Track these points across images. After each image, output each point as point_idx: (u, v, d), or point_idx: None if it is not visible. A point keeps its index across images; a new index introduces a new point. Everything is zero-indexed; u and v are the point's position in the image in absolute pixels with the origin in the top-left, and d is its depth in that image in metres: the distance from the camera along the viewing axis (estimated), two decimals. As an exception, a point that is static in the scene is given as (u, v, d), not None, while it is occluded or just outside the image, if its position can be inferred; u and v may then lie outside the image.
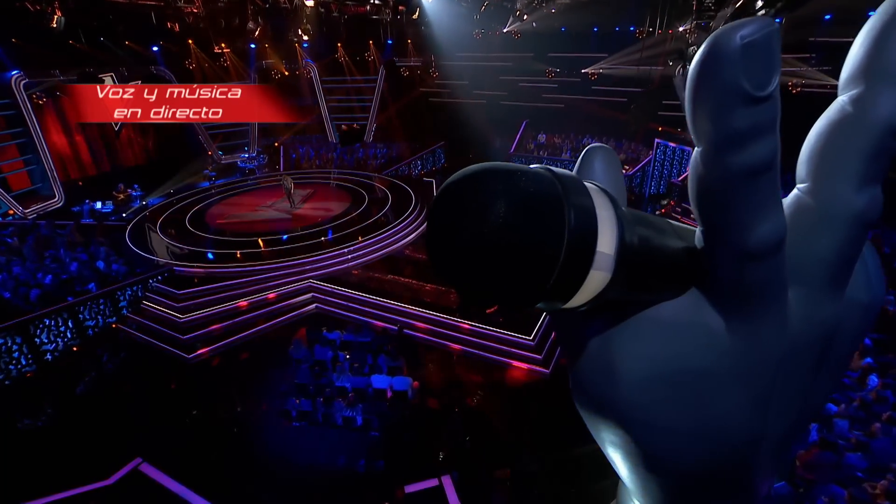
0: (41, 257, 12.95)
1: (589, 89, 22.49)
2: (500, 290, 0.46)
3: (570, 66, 22.97)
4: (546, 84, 23.88)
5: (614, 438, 0.55)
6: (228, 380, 9.70)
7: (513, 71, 24.29)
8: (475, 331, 10.80)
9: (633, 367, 0.52)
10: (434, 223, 0.47)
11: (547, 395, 9.18)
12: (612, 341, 0.54)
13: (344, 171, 21.53)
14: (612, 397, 0.53)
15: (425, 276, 12.86)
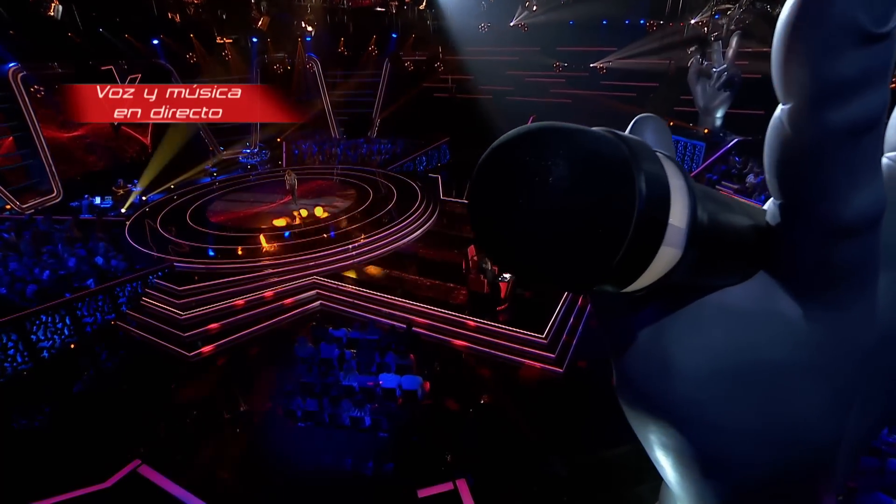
0: (38, 253, 12.69)
1: (597, 83, 22.19)
2: (560, 268, 0.41)
3: (579, 60, 22.68)
4: (553, 79, 23.58)
5: (666, 440, 0.50)
6: (231, 379, 9.43)
7: (520, 65, 24.00)
8: (485, 328, 10.51)
9: (691, 361, 0.47)
10: (483, 191, 0.45)
11: (562, 394, 8.89)
12: (668, 332, 0.49)
13: (347, 167, 21.24)
14: (665, 394, 0.48)
15: (434, 273, 12.59)
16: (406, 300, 11.40)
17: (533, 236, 0.38)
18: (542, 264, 0.39)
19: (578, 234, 0.38)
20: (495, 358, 10.00)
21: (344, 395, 7.90)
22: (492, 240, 0.40)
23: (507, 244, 0.39)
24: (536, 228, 0.37)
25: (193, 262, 12.82)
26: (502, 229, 0.39)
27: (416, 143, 23.26)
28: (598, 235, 0.38)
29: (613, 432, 8.18)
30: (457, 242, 14.47)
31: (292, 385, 8.43)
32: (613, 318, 0.53)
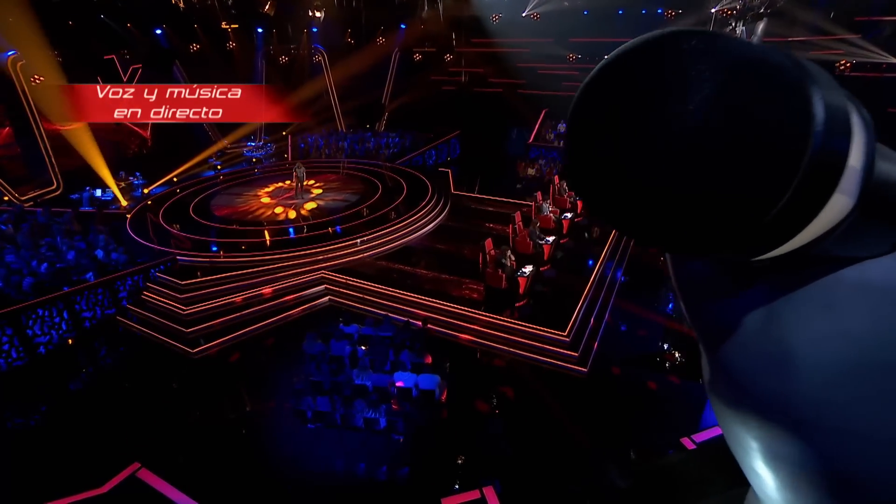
0: (36, 245, 12.33)
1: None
2: (695, 219, 0.33)
3: (593, 52, 22.15)
4: (567, 71, 23.08)
5: (778, 448, 0.40)
6: (236, 377, 9.01)
7: (531, 57, 23.52)
8: (503, 325, 10.05)
9: (821, 354, 0.38)
10: (592, 117, 0.35)
11: (586, 396, 8.42)
12: (787, 317, 0.39)
13: (355, 161, 20.83)
14: (784, 394, 0.39)
15: (448, 267, 12.16)
16: (419, 295, 10.96)
17: (666, 173, 0.29)
18: (670, 213, 0.31)
19: (731, 170, 0.30)
20: (514, 356, 9.55)
21: (357, 395, 7.47)
22: (598, 181, 0.31)
23: (623, 185, 0.31)
24: (672, 163, 0.29)
25: (197, 255, 12.44)
26: (619, 165, 0.31)
27: (426, 136, 22.85)
28: (759, 172, 0.30)
29: (655, 436, 7.80)
30: (471, 237, 14.07)
31: (302, 384, 8.00)
32: (709, 300, 0.44)
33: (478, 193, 17.57)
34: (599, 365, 9.25)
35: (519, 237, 12.14)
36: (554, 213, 13.65)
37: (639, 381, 8.74)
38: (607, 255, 13.03)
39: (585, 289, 11.19)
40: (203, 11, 20.25)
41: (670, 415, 7.86)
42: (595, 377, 8.98)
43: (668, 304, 11.40)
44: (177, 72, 21.41)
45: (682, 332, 10.06)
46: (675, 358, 9.44)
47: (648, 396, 8.38)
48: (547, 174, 20.00)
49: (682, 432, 6.36)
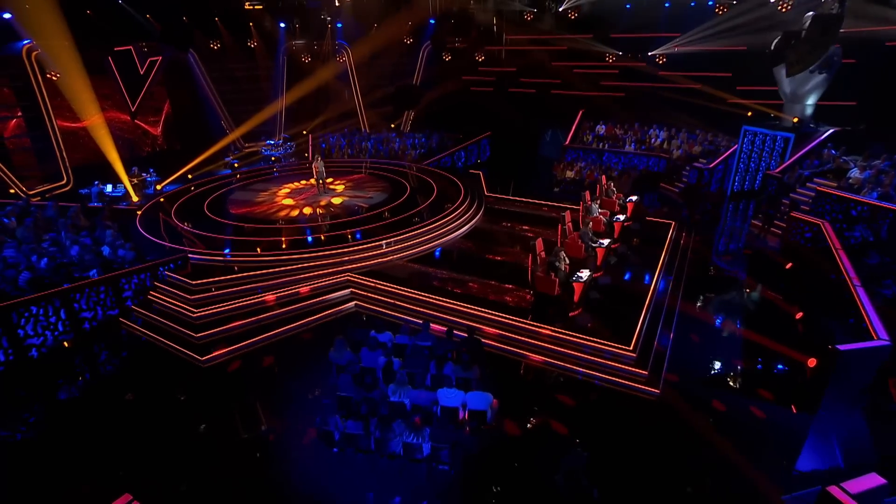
0: (39, 239, 11.59)
1: (656, 75, 20.62)
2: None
3: (635, 49, 21.15)
4: (605, 69, 22.09)
5: None
6: (250, 389, 7.97)
7: (567, 55, 22.60)
8: (557, 338, 8.88)
9: None
10: None
11: (662, 422, 7.18)
12: None
13: (379, 161, 19.99)
14: None
15: (487, 271, 11.07)
16: (457, 301, 9.87)
17: None
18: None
19: None
20: (569, 373, 8.36)
21: (395, 415, 6.35)
22: None
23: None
24: None
25: (211, 254, 11.56)
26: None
27: (454, 137, 21.96)
28: None
29: (754, 473, 6.53)
30: (508, 240, 13.00)
31: (327, 399, 6.92)
32: None
33: (512, 196, 16.53)
34: (672, 385, 8.00)
35: (569, 239, 11.01)
36: (604, 216, 12.50)
37: (718, 404, 7.47)
38: (666, 260, 11.83)
39: (647, 297, 10.00)
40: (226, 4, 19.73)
41: (766, 447, 6.59)
42: (668, 399, 7.72)
43: (739, 309, 10.14)
44: (193, 64, 20.93)
45: (762, 346, 8.80)
46: (758, 380, 8.16)
47: (734, 425, 7.11)
48: (587, 177, 18.87)
49: (777, 468, 5.16)
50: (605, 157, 20.26)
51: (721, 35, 17.98)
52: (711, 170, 17.10)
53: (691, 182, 17.52)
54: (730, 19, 17.62)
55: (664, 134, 20.13)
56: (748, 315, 10.13)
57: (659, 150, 19.71)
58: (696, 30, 18.63)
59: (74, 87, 16.96)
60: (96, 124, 17.41)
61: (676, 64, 19.96)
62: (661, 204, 16.88)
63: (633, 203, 13.87)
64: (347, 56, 23.22)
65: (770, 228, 13.49)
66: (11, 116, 16.50)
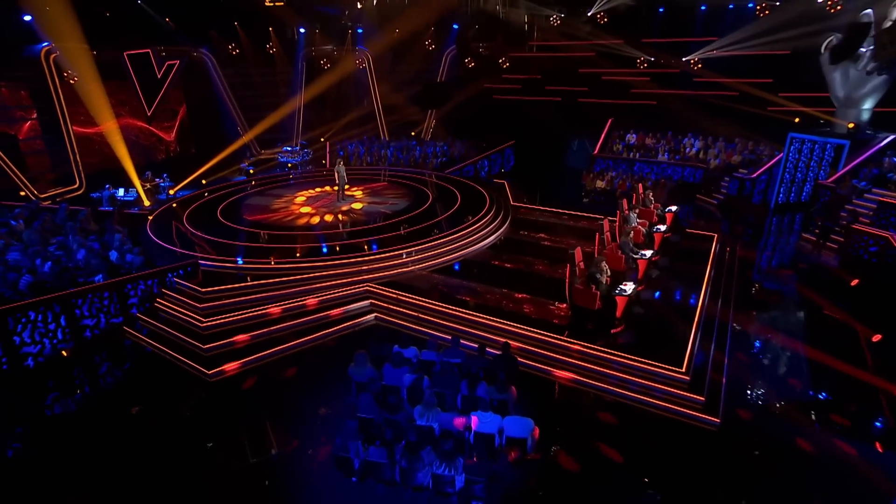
0: (46, 243, 11.23)
1: (690, 81, 19.93)
2: None
3: (668, 55, 20.51)
4: (636, 76, 21.48)
5: None
6: (260, 407, 7.34)
7: (596, 62, 22.06)
8: (599, 357, 8.12)
9: None
10: None
11: (729, 458, 6.35)
12: None
13: (400, 170, 19.54)
14: None
15: (516, 284, 10.40)
16: (485, 315, 9.17)
17: None
18: None
19: None
20: (614, 397, 7.58)
21: (424, 442, 5.65)
22: None
23: None
24: None
25: (223, 261, 11.08)
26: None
27: (477, 146, 21.49)
28: None
29: None
30: (538, 251, 12.32)
31: (348, 422, 6.26)
32: None
33: (540, 206, 15.90)
34: (733, 413, 7.17)
35: (608, 250, 10.28)
36: (642, 226, 11.76)
37: (792, 437, 6.62)
38: (712, 274, 11.01)
39: (695, 314, 9.20)
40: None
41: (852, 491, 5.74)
42: (731, 430, 6.88)
43: (801, 329, 9.27)
44: (211, 68, 20.85)
45: (834, 370, 7.92)
46: (836, 409, 7.28)
47: (813, 464, 6.26)
48: (619, 187, 18.15)
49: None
50: (637, 168, 19.55)
51: (763, 38, 17.26)
52: (754, 180, 16.26)
53: (731, 193, 16.70)
54: (772, 22, 16.91)
55: (700, 143, 19.38)
56: (811, 335, 9.26)
57: (695, 159, 18.95)
58: (735, 33, 17.95)
59: (90, 92, 16.91)
60: (110, 129, 17.30)
61: (713, 69, 19.26)
62: (698, 217, 16.06)
63: (673, 213, 13.13)
64: (367, 62, 23.01)
65: (826, 243, 12.58)
66: (27, 118, 16.43)
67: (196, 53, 20.16)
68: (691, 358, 7.97)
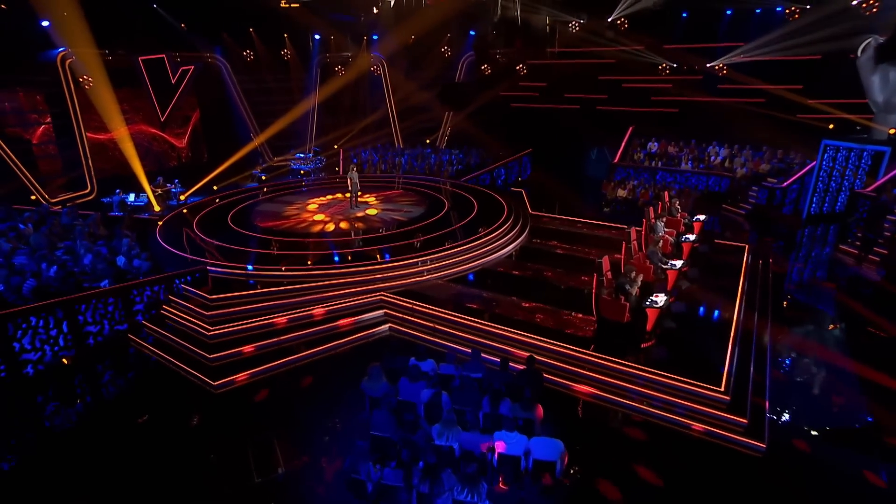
0: (54, 247, 11.07)
1: (714, 87, 19.44)
2: None
3: (692, 61, 20.08)
4: (658, 83, 21.04)
5: None
6: (267, 423, 6.96)
7: (616, 69, 21.68)
8: (625, 373, 7.63)
9: None
10: None
11: (778, 487, 5.81)
12: None
13: (415, 177, 19.28)
14: None
15: (538, 295, 9.96)
16: (507, 327, 8.73)
17: None
18: None
19: None
20: (645, 416, 7.07)
21: (442, 463, 5.21)
22: None
23: None
24: None
25: (232, 267, 10.80)
26: None
27: (494, 154, 21.17)
28: None
29: None
30: (558, 261, 11.88)
31: (358, 439, 5.84)
32: None
33: (560, 215, 15.50)
34: (780, 437, 6.62)
35: (634, 260, 9.80)
36: (670, 235, 11.27)
37: (852, 467, 6.07)
38: (745, 286, 10.47)
39: (731, 328, 8.68)
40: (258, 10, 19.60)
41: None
42: (778, 456, 6.34)
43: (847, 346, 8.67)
44: (225, 74, 20.85)
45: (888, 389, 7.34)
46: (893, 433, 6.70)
47: (874, 495, 5.70)
48: (641, 196, 17.65)
49: None
50: (659, 176, 19.05)
51: (792, 42, 16.76)
52: (785, 189, 15.67)
53: (760, 203, 16.11)
54: (803, 25, 16.43)
55: (725, 151, 18.84)
56: (859, 352, 8.66)
57: (720, 168, 18.41)
58: (763, 37, 17.47)
59: (103, 98, 16.95)
60: (122, 136, 17.31)
61: (739, 76, 18.76)
62: (724, 227, 15.48)
63: (701, 223, 12.63)
64: (382, 68, 22.90)
65: (868, 255, 11.95)
66: (42, 123, 16.49)
67: (210, 59, 20.19)
68: (730, 376, 7.45)
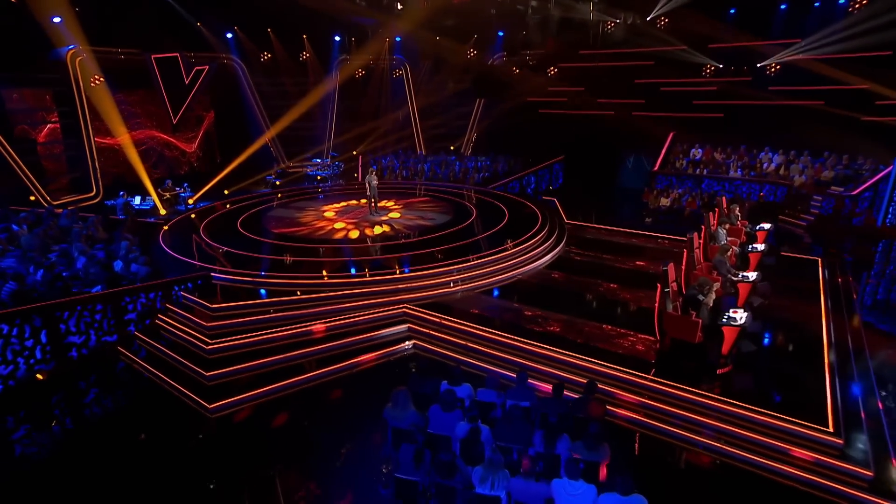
0: (47, 249, 10.33)
1: (765, 89, 18.17)
2: None
3: (739, 60, 18.88)
4: (701, 86, 19.85)
5: None
6: (270, 457, 5.90)
7: (653, 71, 20.57)
8: (699, 404, 6.40)
9: None
10: None
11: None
12: None
13: (438, 185, 18.36)
14: None
15: (584, 310, 8.82)
16: (550, 346, 7.58)
17: None
18: None
19: None
20: (727, 459, 5.83)
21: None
22: None
23: None
24: None
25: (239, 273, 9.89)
26: None
27: (523, 161, 20.20)
28: None
29: None
30: (605, 272, 10.73)
31: (379, 479, 4.75)
32: None
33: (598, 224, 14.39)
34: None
35: (698, 270, 8.60)
36: (733, 244, 10.04)
37: None
38: (828, 304, 9.16)
39: (824, 354, 7.40)
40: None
41: None
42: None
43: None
44: (241, 76, 20.32)
45: None
46: None
47: None
48: (688, 205, 16.40)
49: None
50: (705, 185, 17.79)
51: (856, 38, 15.49)
52: (855, 198, 14.29)
53: (825, 213, 14.73)
54: (869, 18, 15.17)
55: (780, 157, 17.50)
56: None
57: (774, 175, 17.08)
58: (822, 32, 16.22)
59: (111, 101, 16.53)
60: (127, 141, 16.82)
61: (793, 76, 17.48)
62: (779, 240, 14.10)
63: (766, 232, 11.40)
64: (405, 72, 22.22)
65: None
66: (49, 122, 16.06)
67: (226, 59, 19.70)
68: (836, 412, 6.17)
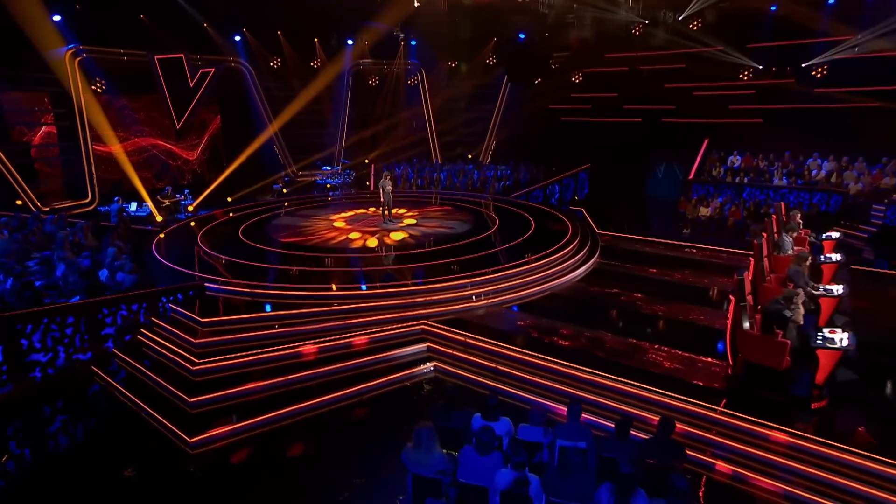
0: (26, 256, 9.51)
1: (810, 91, 17.04)
2: None
3: (781, 60, 17.83)
4: (737, 90, 18.79)
5: None
6: (263, 501, 4.82)
7: (685, 75, 19.57)
8: (792, 446, 5.21)
9: None
10: None
11: None
12: None
13: (454, 193, 17.44)
14: None
15: (628, 328, 7.70)
16: (589, 370, 6.46)
17: None
18: None
19: None
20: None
21: None
22: None
23: None
24: None
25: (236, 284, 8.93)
26: None
27: (546, 169, 19.24)
28: None
29: None
30: (646, 286, 9.63)
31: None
32: None
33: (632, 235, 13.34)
34: None
35: (752, 331, 7.34)
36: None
37: None
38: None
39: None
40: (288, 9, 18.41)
41: None
42: None
43: None
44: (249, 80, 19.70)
45: None
46: None
47: None
48: (731, 215, 15.24)
49: None
50: (747, 194, 16.62)
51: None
52: (922, 206, 13.06)
53: (889, 223, 13.50)
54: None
55: (831, 164, 16.30)
56: None
57: (825, 183, 15.88)
58: (878, 26, 15.10)
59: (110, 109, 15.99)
60: (118, 150, 16.21)
61: (843, 76, 16.33)
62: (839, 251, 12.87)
63: (835, 241, 10.24)
64: (421, 77, 21.49)
65: None
66: (44, 124, 15.48)
67: (234, 63, 19.09)
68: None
